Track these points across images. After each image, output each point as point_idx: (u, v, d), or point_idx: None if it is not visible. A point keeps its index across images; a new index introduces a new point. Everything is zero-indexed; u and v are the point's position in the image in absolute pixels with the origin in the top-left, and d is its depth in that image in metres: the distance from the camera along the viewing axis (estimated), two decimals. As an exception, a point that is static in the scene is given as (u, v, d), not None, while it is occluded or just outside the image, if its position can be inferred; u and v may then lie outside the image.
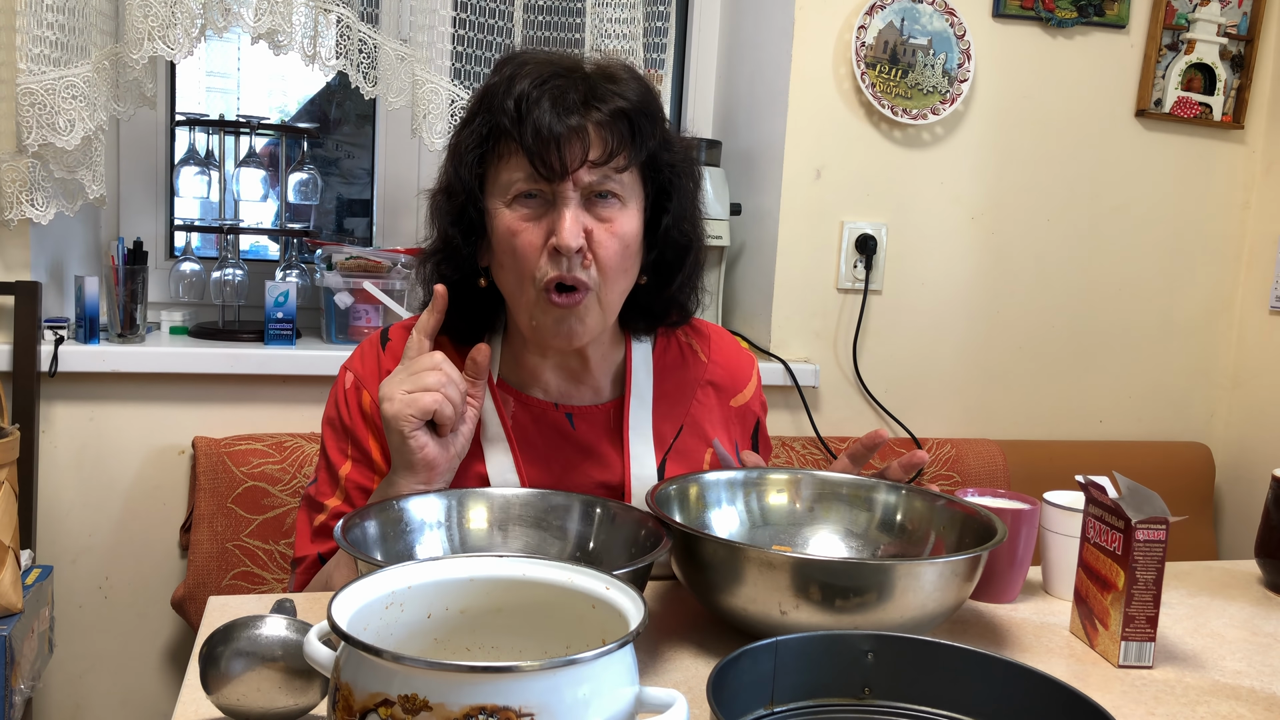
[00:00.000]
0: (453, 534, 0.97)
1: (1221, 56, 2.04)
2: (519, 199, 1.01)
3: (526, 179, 0.99)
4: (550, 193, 1.00)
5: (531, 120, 0.97)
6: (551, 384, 1.13)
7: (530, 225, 1.00)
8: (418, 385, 0.97)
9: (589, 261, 1.00)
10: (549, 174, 0.98)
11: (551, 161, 0.97)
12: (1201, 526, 2.10)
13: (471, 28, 1.75)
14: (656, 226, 1.07)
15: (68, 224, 1.72)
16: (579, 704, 0.55)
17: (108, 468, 1.66)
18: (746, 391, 1.24)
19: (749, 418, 1.24)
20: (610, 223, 1.01)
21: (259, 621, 0.73)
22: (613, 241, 1.01)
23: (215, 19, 1.54)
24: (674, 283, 1.11)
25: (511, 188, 1.00)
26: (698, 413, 1.17)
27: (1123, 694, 0.88)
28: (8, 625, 1.26)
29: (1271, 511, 1.20)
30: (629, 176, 1.03)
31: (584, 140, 0.98)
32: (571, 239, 0.97)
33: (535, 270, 1.00)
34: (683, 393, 1.17)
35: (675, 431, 1.15)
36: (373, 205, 2.02)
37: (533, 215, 1.00)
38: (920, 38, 1.88)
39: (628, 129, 1.01)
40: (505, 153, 1.01)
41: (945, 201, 1.97)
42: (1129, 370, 2.14)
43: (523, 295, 1.03)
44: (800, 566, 0.83)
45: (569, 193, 0.99)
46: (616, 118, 1.00)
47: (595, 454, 1.12)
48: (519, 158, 0.99)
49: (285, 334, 1.73)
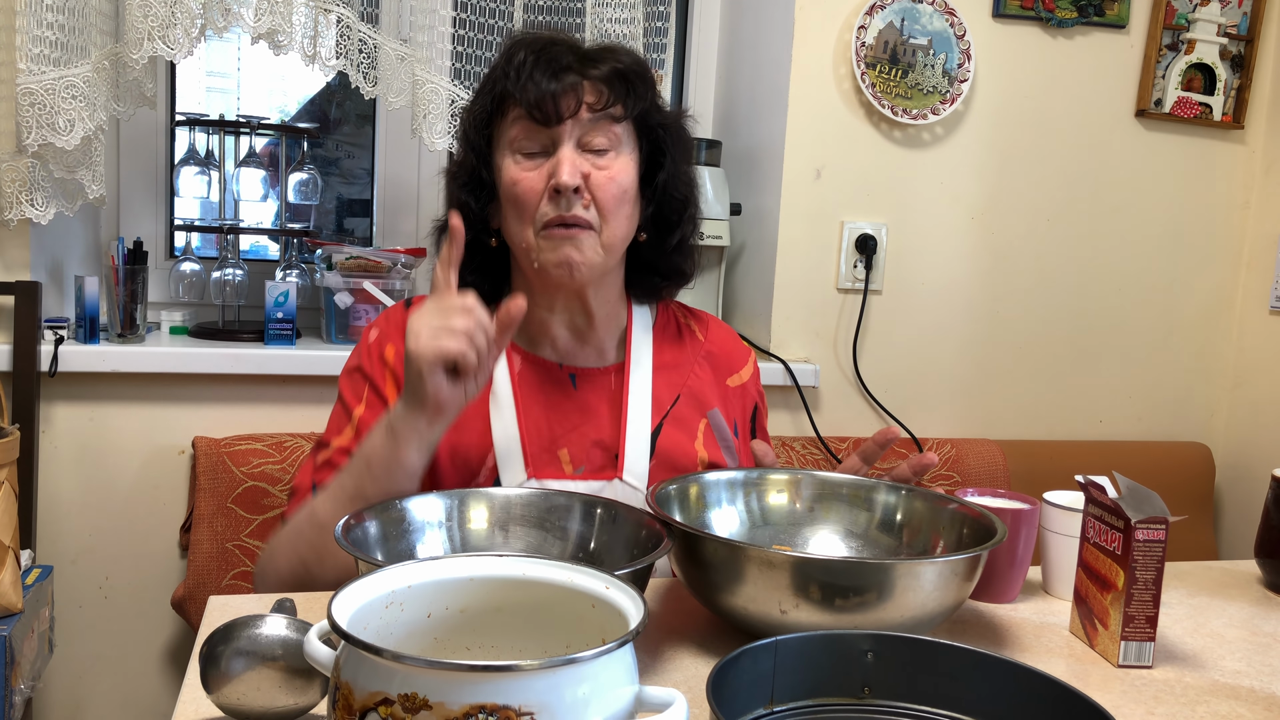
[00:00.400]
0: (453, 534, 0.97)
1: (1221, 56, 2.04)
2: (522, 151, 1.08)
3: (526, 130, 1.07)
4: (550, 141, 1.07)
5: (529, 78, 1.05)
6: (559, 342, 1.17)
7: (531, 173, 1.07)
8: (446, 325, 0.93)
9: (588, 202, 1.07)
10: (544, 119, 1.05)
11: (548, 109, 1.05)
12: (1201, 526, 2.10)
13: (471, 28, 1.75)
14: (652, 182, 1.14)
15: (68, 224, 1.72)
16: (579, 703, 0.55)
17: (108, 468, 1.66)
18: (743, 373, 1.27)
19: (747, 400, 1.26)
20: (607, 168, 1.08)
21: (259, 621, 0.73)
22: (610, 184, 1.07)
23: (215, 19, 1.54)
24: (673, 238, 1.17)
25: (515, 141, 1.08)
26: (695, 385, 1.21)
27: (1122, 694, 0.88)
28: (8, 625, 1.26)
29: (1271, 511, 1.20)
30: (624, 130, 1.10)
31: (578, 92, 1.06)
32: (569, 177, 1.04)
33: (536, 213, 1.07)
34: (681, 364, 1.22)
35: (673, 399, 1.18)
36: (373, 205, 2.02)
37: (534, 165, 1.08)
38: (920, 38, 1.88)
39: (622, 85, 1.08)
40: (508, 112, 1.09)
41: (945, 201, 1.97)
42: (1129, 370, 2.14)
43: (524, 240, 1.09)
44: (800, 566, 0.83)
45: (566, 137, 1.06)
46: (612, 75, 1.08)
47: (594, 415, 1.15)
48: (520, 114, 1.07)
49: (285, 334, 1.73)
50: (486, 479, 1.11)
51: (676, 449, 1.15)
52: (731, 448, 1.21)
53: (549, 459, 1.12)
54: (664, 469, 1.14)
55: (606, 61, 1.08)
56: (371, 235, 2.03)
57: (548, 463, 1.12)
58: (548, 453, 1.13)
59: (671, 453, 1.15)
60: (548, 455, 1.13)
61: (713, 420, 1.20)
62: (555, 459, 1.13)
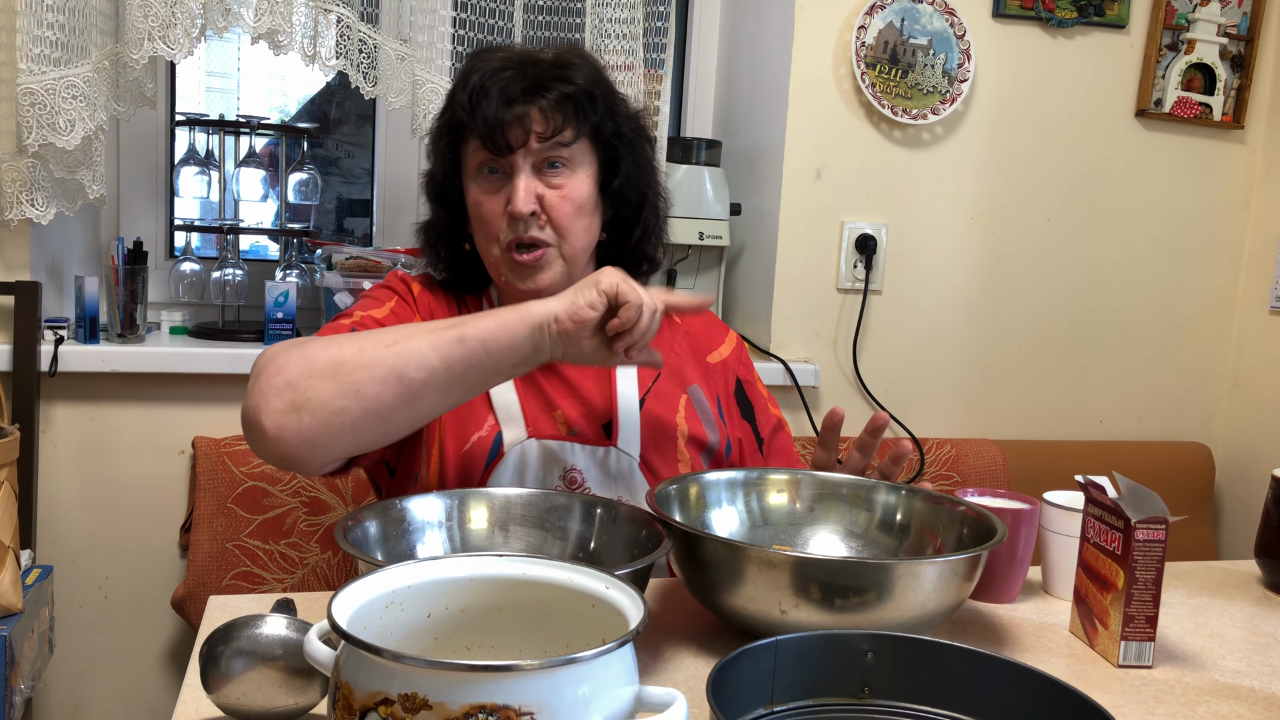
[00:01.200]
0: (453, 534, 0.97)
1: (1221, 56, 2.04)
2: (483, 174, 1.14)
3: (484, 157, 1.12)
4: (507, 165, 1.12)
5: (480, 110, 1.09)
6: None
7: (491, 196, 1.13)
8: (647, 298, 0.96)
9: (544, 222, 1.12)
10: (498, 150, 1.11)
11: (499, 141, 1.10)
12: (1201, 526, 2.10)
13: (471, 28, 1.75)
14: (609, 187, 1.18)
15: (68, 224, 1.72)
16: (579, 703, 0.55)
17: (108, 468, 1.66)
18: (722, 349, 1.31)
19: (729, 376, 1.30)
20: (561, 188, 1.12)
21: (259, 621, 0.73)
22: (564, 204, 1.12)
23: (215, 19, 1.54)
24: (633, 236, 1.22)
25: (476, 165, 1.14)
26: (674, 362, 1.26)
27: (1122, 694, 0.88)
28: (8, 625, 1.26)
29: (1271, 511, 1.20)
30: (579, 146, 1.14)
31: (526, 124, 1.10)
32: (522, 205, 1.10)
33: (499, 234, 1.13)
34: (660, 345, 1.26)
35: (654, 376, 1.23)
36: (373, 205, 2.02)
37: (493, 188, 1.13)
38: (920, 38, 1.88)
39: (572, 109, 1.12)
40: (468, 136, 1.14)
41: (945, 201, 1.97)
42: (1129, 370, 2.14)
43: (490, 256, 1.16)
44: (800, 566, 0.83)
45: (520, 164, 1.11)
46: (561, 101, 1.11)
47: (581, 388, 1.19)
48: (476, 140, 1.12)
49: (285, 334, 1.73)
50: (489, 433, 1.13)
51: (659, 421, 1.20)
52: (712, 421, 1.25)
53: (546, 419, 1.16)
54: (649, 439, 1.18)
55: (554, 87, 1.11)
56: (371, 235, 2.03)
57: (545, 421, 1.16)
58: (544, 414, 1.16)
59: (655, 424, 1.19)
60: (545, 416, 1.16)
61: (693, 395, 1.24)
62: (551, 419, 1.16)
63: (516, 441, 1.12)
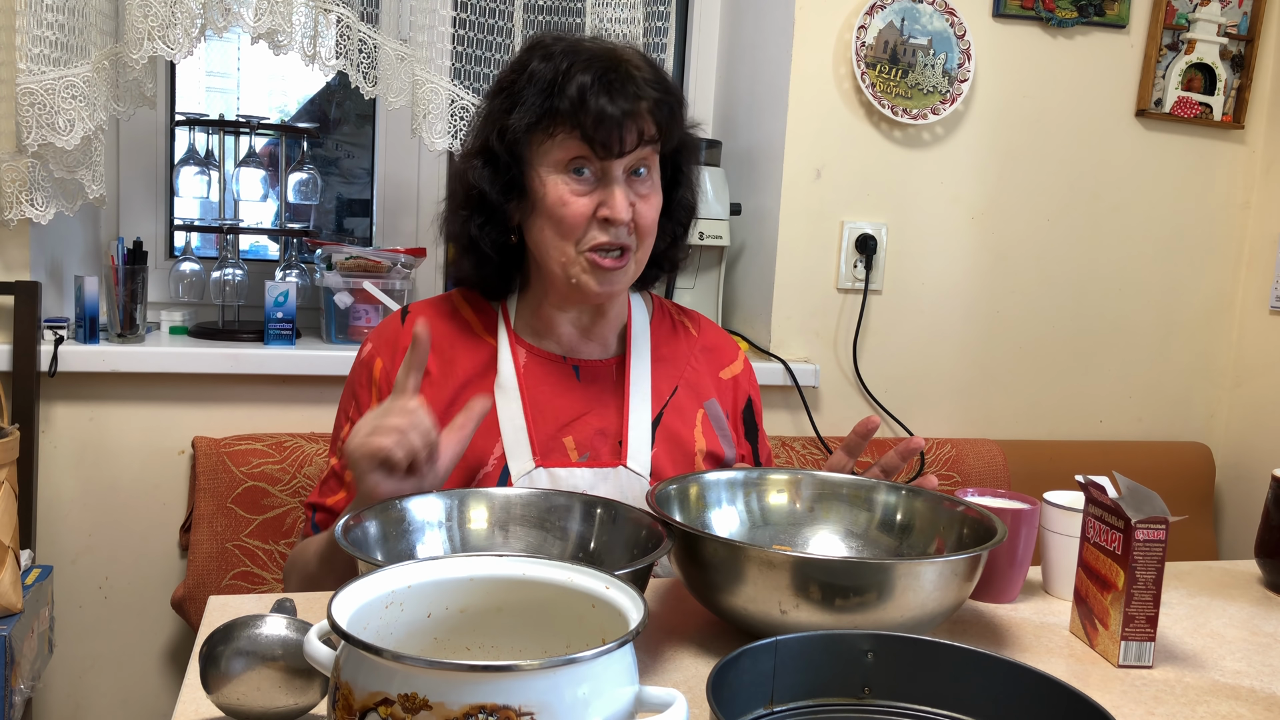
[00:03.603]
0: (453, 534, 0.97)
1: (1221, 56, 2.04)
2: (569, 172, 1.11)
3: (581, 157, 1.10)
4: (600, 169, 1.10)
5: (593, 108, 1.07)
6: (564, 337, 1.21)
7: (580, 198, 1.10)
8: (381, 424, 0.97)
9: (631, 229, 1.13)
10: (606, 154, 1.09)
11: (611, 144, 1.08)
12: (1201, 526, 2.10)
13: (471, 28, 1.75)
14: (672, 196, 1.20)
15: (68, 224, 1.72)
16: (579, 703, 0.55)
17: (108, 468, 1.66)
18: (735, 365, 1.31)
19: (739, 393, 1.30)
20: (647, 197, 1.13)
21: (259, 621, 0.73)
22: (650, 211, 1.14)
23: (215, 19, 1.53)
24: (677, 243, 1.25)
25: (565, 163, 1.10)
26: (692, 376, 1.26)
27: (1123, 694, 0.88)
28: (8, 625, 1.26)
29: (1271, 511, 1.20)
30: (656, 155, 1.15)
31: (638, 124, 1.09)
32: (625, 213, 1.10)
33: (583, 235, 1.11)
34: (678, 357, 1.26)
35: (671, 390, 1.22)
36: (373, 205, 2.02)
37: (583, 189, 1.11)
38: (920, 38, 1.88)
39: (667, 115, 1.12)
40: (558, 132, 1.09)
41: (945, 201, 1.97)
42: (1129, 370, 2.14)
43: (563, 255, 1.12)
44: (800, 566, 0.83)
45: (618, 171, 1.10)
46: (659, 105, 1.11)
47: (598, 404, 1.19)
48: (573, 138, 1.09)
49: (285, 334, 1.73)
50: (495, 468, 1.12)
51: (676, 437, 1.19)
52: (728, 436, 1.25)
53: (555, 447, 1.15)
54: (665, 457, 1.17)
55: (648, 88, 1.10)
56: (371, 235, 2.03)
57: (554, 450, 1.15)
58: (554, 441, 1.15)
59: (672, 441, 1.18)
60: (554, 444, 1.15)
61: (710, 410, 1.24)
62: (561, 446, 1.15)
63: (524, 473, 1.12)
